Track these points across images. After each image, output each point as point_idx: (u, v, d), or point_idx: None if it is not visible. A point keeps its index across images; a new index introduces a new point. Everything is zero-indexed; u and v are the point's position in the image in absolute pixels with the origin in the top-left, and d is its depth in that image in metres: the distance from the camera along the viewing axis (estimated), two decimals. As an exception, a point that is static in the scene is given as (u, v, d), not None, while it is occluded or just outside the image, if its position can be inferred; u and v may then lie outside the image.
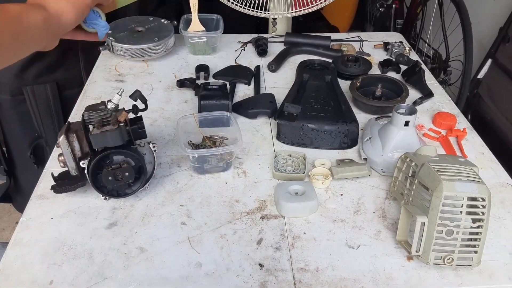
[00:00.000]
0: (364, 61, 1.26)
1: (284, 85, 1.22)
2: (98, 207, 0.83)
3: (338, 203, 0.86)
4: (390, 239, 0.79)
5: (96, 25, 0.75)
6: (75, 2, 0.66)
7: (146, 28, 1.31)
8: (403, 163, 0.81)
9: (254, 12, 1.38)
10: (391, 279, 0.72)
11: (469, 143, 1.02)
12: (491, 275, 0.73)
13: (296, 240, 0.78)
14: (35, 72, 1.29)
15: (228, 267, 0.73)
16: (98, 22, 0.74)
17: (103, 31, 0.75)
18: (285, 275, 0.72)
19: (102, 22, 0.75)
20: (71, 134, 0.79)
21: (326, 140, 0.98)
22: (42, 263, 0.73)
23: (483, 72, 1.91)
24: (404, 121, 0.88)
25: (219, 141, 0.96)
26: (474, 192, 0.69)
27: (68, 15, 0.65)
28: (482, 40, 2.02)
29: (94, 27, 0.75)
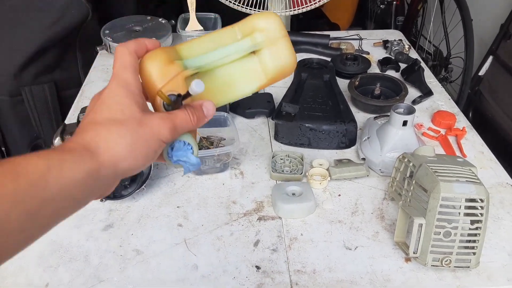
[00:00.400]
0: (363, 60, 1.25)
1: (282, 84, 1.21)
2: (94, 209, 0.83)
3: (335, 204, 0.85)
4: (388, 240, 0.78)
5: (184, 162, 0.49)
6: (138, 144, 0.42)
7: (143, 27, 1.30)
8: (401, 163, 0.81)
9: (252, 10, 1.37)
10: (389, 281, 0.71)
11: (468, 142, 1.01)
12: (490, 277, 0.72)
13: (293, 241, 0.78)
14: (33, 73, 1.29)
15: (224, 269, 0.73)
16: (186, 159, 0.49)
17: (190, 169, 0.50)
18: (282, 277, 0.72)
19: (192, 159, 0.49)
20: (67, 136, 0.79)
21: (324, 140, 0.98)
22: (38, 266, 0.73)
23: (484, 69, 1.89)
24: (402, 121, 0.88)
25: (216, 141, 0.95)
26: (472, 193, 0.68)
27: (127, 162, 0.42)
28: (483, 37, 2.00)
29: (181, 163, 0.49)
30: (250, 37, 0.51)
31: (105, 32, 1.26)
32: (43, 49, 1.27)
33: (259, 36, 0.51)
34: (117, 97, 0.44)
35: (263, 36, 0.51)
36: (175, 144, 0.47)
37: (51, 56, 1.30)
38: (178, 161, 0.48)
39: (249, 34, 0.51)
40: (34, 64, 1.29)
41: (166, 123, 0.44)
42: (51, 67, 1.32)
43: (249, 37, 0.51)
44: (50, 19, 1.24)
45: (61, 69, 1.34)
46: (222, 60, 0.51)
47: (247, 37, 0.51)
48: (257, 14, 0.52)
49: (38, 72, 1.31)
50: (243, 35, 0.51)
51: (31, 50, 1.26)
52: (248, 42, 0.51)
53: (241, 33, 0.52)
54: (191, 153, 0.48)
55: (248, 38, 0.51)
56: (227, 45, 0.51)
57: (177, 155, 0.48)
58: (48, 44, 1.27)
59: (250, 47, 0.51)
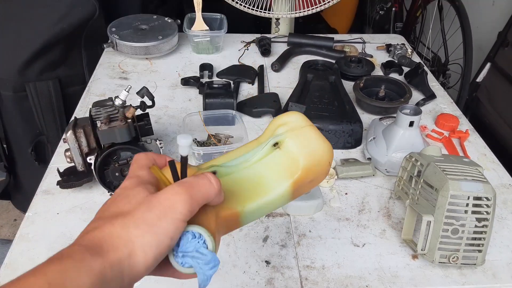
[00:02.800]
0: (367, 62, 1.27)
1: (288, 85, 1.23)
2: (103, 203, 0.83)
3: (343, 202, 0.86)
4: (395, 238, 0.79)
5: (195, 260, 0.37)
6: (148, 233, 0.35)
7: (150, 26, 1.31)
8: (408, 162, 0.82)
9: (258, 12, 1.38)
10: (397, 277, 0.72)
11: (471, 144, 1.03)
12: (495, 274, 0.74)
13: (302, 238, 0.79)
14: (38, 69, 1.29)
15: (234, 264, 0.73)
16: (198, 255, 0.37)
17: (207, 275, 0.37)
18: (292, 272, 0.72)
19: (207, 254, 0.37)
20: (79, 130, 0.79)
21: (330, 139, 0.99)
22: (49, 258, 0.73)
23: (482, 76, 1.92)
24: (409, 122, 0.89)
25: (224, 139, 0.96)
26: (480, 191, 0.69)
27: (136, 257, 0.35)
28: (481, 44, 2.04)
29: (193, 264, 0.37)
30: (272, 132, 0.48)
31: (112, 29, 1.27)
32: (48, 46, 1.28)
33: (281, 129, 0.48)
34: (126, 191, 0.38)
35: (285, 128, 0.48)
36: (181, 237, 0.37)
37: (56, 53, 1.30)
38: (186, 258, 0.37)
39: (272, 133, 0.48)
40: (39, 60, 1.29)
41: (181, 194, 0.36)
42: (56, 64, 1.32)
43: (271, 134, 0.48)
44: (57, 15, 1.25)
45: (65, 66, 1.34)
46: (245, 161, 0.47)
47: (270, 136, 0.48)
48: (278, 116, 0.50)
49: (43, 68, 1.30)
50: (267, 137, 0.48)
51: (37, 46, 1.26)
52: (271, 137, 0.48)
53: (265, 137, 0.49)
54: (204, 247, 0.37)
55: (270, 135, 0.48)
56: (251, 149, 0.48)
57: (185, 250, 0.36)
58: (54, 40, 1.28)
59: (272, 140, 0.47)
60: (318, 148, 0.48)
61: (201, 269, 0.36)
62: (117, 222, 0.35)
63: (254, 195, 0.46)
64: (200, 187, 0.38)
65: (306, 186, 0.48)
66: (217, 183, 0.39)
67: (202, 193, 0.38)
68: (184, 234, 0.37)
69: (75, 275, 0.32)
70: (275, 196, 0.47)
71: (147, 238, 0.35)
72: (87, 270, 0.32)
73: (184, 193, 0.36)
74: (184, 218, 0.36)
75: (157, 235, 0.35)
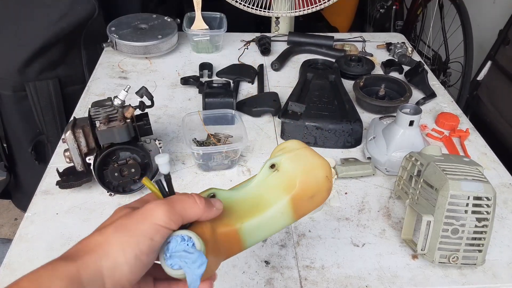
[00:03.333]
0: (367, 61, 1.27)
1: (287, 84, 1.22)
2: (103, 203, 0.83)
3: (342, 202, 0.86)
4: (395, 238, 0.79)
5: (183, 260, 0.38)
6: (125, 233, 0.36)
7: (149, 25, 1.31)
8: (408, 162, 0.82)
9: (258, 11, 1.38)
10: (396, 277, 0.72)
11: (471, 143, 1.03)
12: (495, 274, 0.74)
13: (301, 238, 0.79)
14: (37, 68, 1.29)
15: (234, 264, 0.73)
16: (187, 254, 0.38)
17: (195, 274, 0.37)
18: (291, 272, 0.72)
19: (194, 253, 0.38)
20: (78, 130, 0.79)
21: (330, 139, 0.99)
22: (48, 258, 0.71)
23: (483, 74, 1.91)
24: (409, 121, 0.89)
25: (224, 138, 0.96)
26: (480, 191, 0.69)
27: (112, 258, 0.35)
28: (482, 42, 2.03)
29: (180, 264, 0.38)
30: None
31: (111, 29, 1.26)
32: (48, 45, 1.27)
33: (278, 153, 0.51)
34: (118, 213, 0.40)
35: (282, 151, 0.51)
36: (170, 239, 0.38)
37: (56, 52, 1.30)
38: (174, 258, 0.37)
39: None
40: (39, 59, 1.29)
41: (161, 204, 0.37)
42: (56, 63, 1.32)
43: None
44: (56, 14, 1.24)
45: (65, 65, 1.34)
46: (245, 186, 0.50)
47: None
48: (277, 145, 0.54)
49: (42, 68, 1.30)
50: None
51: (36, 46, 1.26)
52: (268, 161, 0.50)
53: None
54: (193, 248, 0.37)
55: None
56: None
57: (172, 251, 0.37)
58: (54, 40, 1.27)
59: (268, 162, 0.50)
60: (313, 163, 0.50)
61: (189, 268, 0.37)
62: (96, 232, 0.37)
63: (253, 212, 0.47)
64: (183, 202, 0.39)
65: (308, 202, 0.49)
66: (201, 201, 0.40)
67: (185, 208, 0.39)
68: (173, 238, 0.38)
69: (46, 280, 0.32)
70: (274, 212, 0.47)
71: (125, 238, 0.35)
72: (59, 274, 0.33)
73: (165, 204, 0.37)
74: (164, 224, 0.37)
75: (135, 235, 0.35)
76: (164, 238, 0.37)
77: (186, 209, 0.39)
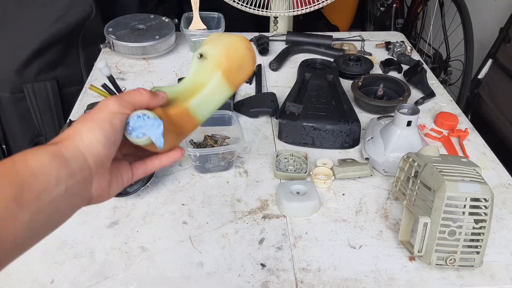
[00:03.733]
0: (366, 61, 1.26)
1: (286, 84, 1.22)
2: (99, 206, 0.83)
3: (340, 203, 0.86)
4: (392, 239, 0.79)
5: (144, 128, 0.47)
6: (90, 119, 0.44)
7: (147, 25, 1.30)
8: (406, 163, 0.81)
9: (255, 10, 1.37)
10: (393, 279, 0.72)
11: (470, 143, 1.02)
12: (493, 276, 0.73)
13: (298, 240, 0.78)
14: (35, 69, 1.29)
15: (229, 267, 0.73)
16: (143, 122, 0.47)
17: (157, 133, 0.47)
18: (287, 275, 0.72)
19: (150, 118, 0.47)
20: (73, 132, 0.78)
21: (328, 139, 0.98)
22: (43, 262, 0.73)
23: (484, 72, 1.90)
24: (407, 121, 0.88)
25: (221, 140, 0.95)
26: (477, 192, 0.69)
27: (86, 136, 0.43)
28: (482, 40, 2.02)
29: (144, 131, 0.47)
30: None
31: (109, 29, 1.26)
32: (46, 46, 1.27)
33: (203, 45, 0.59)
34: None
35: (205, 43, 0.59)
36: (129, 120, 0.47)
37: (54, 53, 1.30)
38: (137, 130, 0.47)
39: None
40: (37, 60, 1.28)
41: (112, 98, 0.47)
42: (54, 64, 1.32)
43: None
44: (54, 15, 1.24)
45: (63, 66, 1.34)
46: (183, 81, 0.57)
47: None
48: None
49: (40, 69, 1.30)
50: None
51: (34, 47, 1.26)
52: (195, 53, 0.58)
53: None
54: (147, 117, 0.47)
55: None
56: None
57: (133, 126, 0.47)
58: (51, 40, 1.27)
59: (196, 52, 0.57)
60: (233, 40, 0.58)
61: (150, 131, 0.47)
62: (65, 130, 0.45)
63: (196, 92, 0.55)
64: (130, 93, 0.47)
65: (238, 72, 0.58)
66: (146, 91, 0.48)
67: (132, 97, 0.47)
68: (131, 118, 0.47)
69: (34, 153, 0.39)
70: (212, 88, 0.56)
71: (90, 125, 0.43)
72: (44, 151, 0.40)
73: (115, 96, 0.46)
74: (117, 110, 0.45)
75: (98, 122, 0.44)
76: (122, 121, 0.46)
77: (133, 97, 0.47)
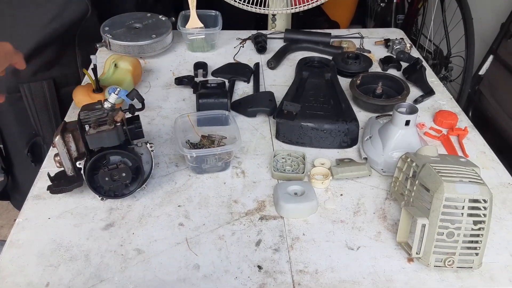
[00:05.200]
0: (365, 58, 1.25)
1: (284, 82, 1.21)
2: (95, 208, 0.82)
3: (337, 204, 0.85)
4: (390, 241, 0.78)
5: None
6: None
7: (143, 24, 1.29)
8: (404, 163, 0.80)
9: (253, 8, 1.36)
10: (391, 281, 0.71)
11: (470, 142, 1.01)
12: (492, 277, 0.72)
13: (295, 241, 0.77)
14: (32, 69, 1.28)
15: (226, 269, 0.72)
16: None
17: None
18: (284, 277, 0.71)
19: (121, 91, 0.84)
20: (67, 134, 0.78)
21: (326, 139, 0.97)
22: (38, 265, 0.72)
23: (485, 69, 1.89)
24: (405, 120, 0.87)
25: (218, 140, 0.95)
26: (476, 193, 0.68)
27: None
28: (483, 36, 2.00)
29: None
30: (111, 61, 1.13)
31: (105, 29, 1.25)
32: (42, 46, 1.26)
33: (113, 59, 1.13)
34: None
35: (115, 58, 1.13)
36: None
37: (50, 53, 1.29)
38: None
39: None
40: (33, 60, 1.27)
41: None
42: (50, 64, 1.31)
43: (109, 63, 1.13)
44: (49, 15, 1.23)
45: (60, 66, 1.33)
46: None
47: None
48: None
49: (37, 69, 1.29)
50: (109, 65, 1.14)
51: (30, 47, 1.25)
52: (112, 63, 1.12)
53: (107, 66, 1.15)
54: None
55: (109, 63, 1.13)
56: None
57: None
58: (48, 40, 1.26)
59: (112, 64, 1.11)
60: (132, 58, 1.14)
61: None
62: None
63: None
64: None
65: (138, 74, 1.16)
66: None
67: None
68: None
69: None
70: (128, 81, 1.09)
71: None
72: None
73: None
74: None
75: None
76: None
77: None
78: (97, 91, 1.05)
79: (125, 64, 1.11)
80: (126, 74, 1.10)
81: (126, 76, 1.10)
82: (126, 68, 1.10)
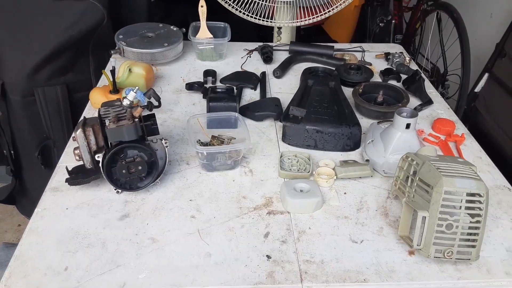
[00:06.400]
0: (366, 70, 1.30)
1: (289, 90, 1.26)
2: (111, 200, 0.86)
3: (341, 201, 0.89)
4: (392, 235, 0.82)
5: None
6: None
7: (156, 34, 1.35)
8: (405, 162, 0.85)
9: (261, 21, 1.42)
10: (393, 271, 0.75)
11: (467, 147, 1.06)
12: (489, 270, 0.76)
13: (302, 234, 0.81)
14: (47, 74, 1.33)
15: (236, 258, 0.76)
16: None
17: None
18: (292, 266, 0.75)
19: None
20: (88, 128, 0.82)
21: (330, 142, 1.02)
22: (57, 251, 0.76)
23: (480, 86, 1.95)
24: (406, 124, 0.92)
25: (227, 140, 0.99)
26: (473, 188, 0.72)
27: None
28: (479, 55, 2.07)
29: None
30: (125, 67, 1.19)
31: (119, 36, 1.31)
32: (57, 52, 1.32)
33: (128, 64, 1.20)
34: None
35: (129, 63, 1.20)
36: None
37: (65, 59, 1.34)
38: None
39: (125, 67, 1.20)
40: (48, 66, 1.33)
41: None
42: (65, 70, 1.36)
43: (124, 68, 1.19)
44: (66, 23, 1.29)
45: (74, 72, 1.38)
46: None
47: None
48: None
49: (51, 74, 1.34)
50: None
51: (46, 53, 1.30)
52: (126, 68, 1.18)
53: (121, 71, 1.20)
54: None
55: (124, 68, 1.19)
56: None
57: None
58: (63, 47, 1.32)
59: (127, 68, 1.18)
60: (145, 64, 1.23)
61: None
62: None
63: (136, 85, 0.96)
64: None
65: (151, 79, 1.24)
66: None
67: None
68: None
69: None
70: (142, 85, 1.18)
71: None
72: None
73: None
74: None
75: None
76: None
77: None
78: (114, 92, 1.10)
79: (138, 69, 1.17)
80: (140, 78, 1.16)
81: (140, 80, 1.16)
82: (139, 73, 1.17)
